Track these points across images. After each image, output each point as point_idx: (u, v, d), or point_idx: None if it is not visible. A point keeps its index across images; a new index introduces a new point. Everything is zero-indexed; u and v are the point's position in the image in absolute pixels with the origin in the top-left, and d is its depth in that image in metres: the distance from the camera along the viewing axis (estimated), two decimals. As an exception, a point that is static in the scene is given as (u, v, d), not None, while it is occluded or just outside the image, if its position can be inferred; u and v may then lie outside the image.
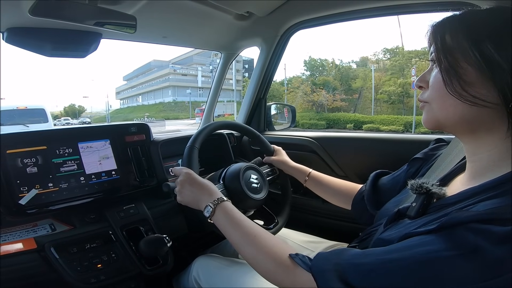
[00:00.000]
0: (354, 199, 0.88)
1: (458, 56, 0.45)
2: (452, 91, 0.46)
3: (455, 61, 0.46)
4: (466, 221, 0.37)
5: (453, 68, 0.46)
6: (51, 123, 7.71)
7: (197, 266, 0.91)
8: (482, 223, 0.36)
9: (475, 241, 0.36)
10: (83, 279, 0.77)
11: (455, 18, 0.48)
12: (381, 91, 22.61)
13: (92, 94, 50.68)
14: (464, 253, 0.36)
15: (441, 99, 0.49)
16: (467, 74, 0.45)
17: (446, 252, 0.37)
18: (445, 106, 0.48)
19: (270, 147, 1.11)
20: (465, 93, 0.44)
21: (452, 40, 0.46)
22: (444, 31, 0.48)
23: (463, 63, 0.45)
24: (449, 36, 0.47)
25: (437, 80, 0.49)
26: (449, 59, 0.46)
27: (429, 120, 0.52)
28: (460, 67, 0.45)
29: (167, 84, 38.76)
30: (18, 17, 0.86)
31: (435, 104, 0.50)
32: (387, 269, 0.42)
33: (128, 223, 0.91)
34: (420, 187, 0.50)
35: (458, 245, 0.37)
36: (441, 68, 0.47)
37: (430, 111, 0.51)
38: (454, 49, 0.46)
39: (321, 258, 0.51)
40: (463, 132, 0.50)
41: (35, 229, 0.83)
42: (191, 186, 0.76)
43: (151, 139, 1.08)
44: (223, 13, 1.20)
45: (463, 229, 0.37)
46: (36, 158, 0.84)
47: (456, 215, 0.39)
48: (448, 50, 0.47)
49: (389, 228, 0.55)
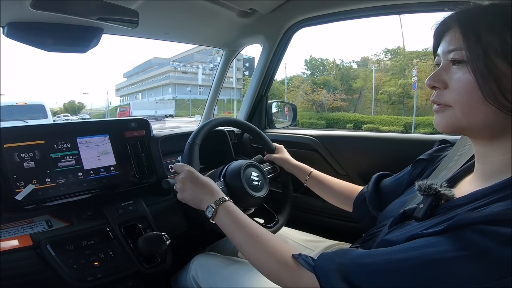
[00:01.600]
0: (355, 200, 0.87)
1: (497, 58, 0.41)
2: (491, 98, 0.41)
3: (493, 63, 0.41)
4: (473, 222, 0.37)
5: (491, 71, 0.41)
6: (50, 119, 7.70)
7: (195, 265, 0.90)
8: (490, 224, 0.36)
9: (483, 242, 0.35)
10: (79, 277, 0.76)
11: (488, 10, 0.43)
12: (381, 91, 22.65)
13: (92, 91, 50.75)
14: (471, 254, 0.36)
15: (469, 105, 0.44)
16: (506, 79, 0.41)
17: (453, 253, 0.37)
18: (475, 112, 0.44)
19: (271, 144, 1.10)
20: (505, 101, 0.41)
21: (493, 36, 0.41)
22: (479, 26, 0.43)
23: (503, 66, 0.41)
24: (488, 32, 0.42)
25: (466, 83, 0.44)
26: (487, 61, 0.41)
27: (450, 125, 0.48)
28: (499, 71, 0.41)
29: (167, 82, 38.73)
30: (19, 11, 0.84)
31: (460, 110, 0.45)
32: (393, 270, 0.41)
33: (126, 220, 0.90)
34: (429, 188, 0.49)
35: (466, 246, 0.36)
36: (475, 70, 0.42)
37: (453, 116, 0.47)
38: (494, 49, 0.41)
39: (325, 258, 0.50)
40: (483, 137, 0.47)
41: (31, 225, 0.81)
42: (193, 184, 0.74)
43: (151, 135, 1.06)
44: (226, 9, 1.19)
45: (471, 230, 0.37)
46: (33, 153, 0.83)
47: (463, 216, 0.38)
48: (486, 49, 0.41)
49: (395, 229, 0.54)
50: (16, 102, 7.46)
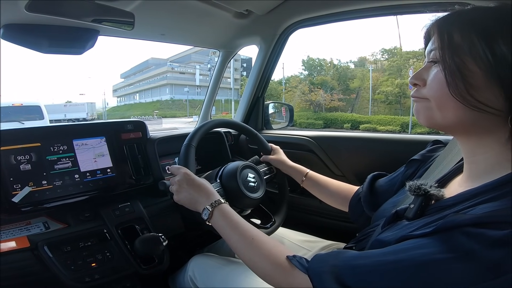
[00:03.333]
0: (351, 200, 0.88)
1: (467, 58, 0.43)
2: (455, 93, 0.44)
3: (462, 62, 0.43)
4: (461, 224, 0.37)
5: (459, 70, 0.43)
6: (47, 120, 7.66)
7: (193, 265, 0.91)
8: (477, 227, 0.36)
9: (469, 245, 0.36)
10: (77, 278, 0.76)
11: (462, 15, 0.46)
12: (378, 91, 22.74)
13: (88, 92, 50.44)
14: (458, 256, 0.36)
15: (441, 100, 0.47)
16: (474, 77, 0.43)
17: (440, 255, 0.37)
18: (445, 107, 0.46)
19: (268, 146, 1.10)
20: (470, 97, 0.43)
21: (463, 38, 0.44)
22: (452, 28, 0.45)
23: (472, 65, 0.43)
24: (458, 34, 0.44)
25: (438, 79, 0.47)
26: (455, 59, 0.44)
27: (426, 118, 0.50)
28: (467, 69, 0.43)
29: (164, 82, 38.65)
30: (14, 14, 0.84)
31: (434, 103, 0.48)
32: (383, 271, 0.42)
33: (124, 222, 0.90)
34: (419, 189, 0.50)
35: (453, 248, 0.37)
36: (445, 68, 0.45)
37: (428, 109, 0.49)
38: (462, 49, 0.43)
39: (318, 260, 0.50)
40: (460, 133, 0.50)
41: (29, 227, 0.81)
42: (189, 186, 0.75)
43: (148, 136, 1.06)
44: (222, 11, 1.19)
45: (458, 232, 0.37)
46: (29, 155, 0.83)
47: (451, 218, 0.39)
48: (456, 50, 0.44)
49: (387, 229, 0.54)
50: (12, 103, 7.42)
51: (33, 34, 0.93)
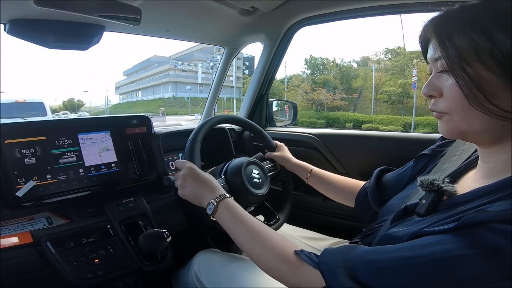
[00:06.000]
0: (358, 196, 0.87)
1: (476, 64, 0.41)
2: (477, 105, 0.41)
3: (474, 70, 0.41)
4: (485, 221, 0.36)
5: (473, 80, 0.41)
6: (50, 117, 7.68)
7: (198, 261, 0.90)
8: (502, 223, 0.35)
9: (495, 241, 0.35)
10: (79, 274, 0.75)
11: (456, 15, 0.44)
12: (381, 91, 22.68)
13: (91, 89, 50.52)
14: (483, 252, 0.35)
15: (462, 112, 0.44)
16: (489, 83, 0.41)
17: (463, 251, 0.36)
18: (470, 118, 0.44)
19: (272, 142, 1.10)
20: (493, 107, 0.40)
21: (465, 40, 0.42)
22: (451, 32, 0.43)
23: (484, 72, 0.41)
24: (460, 36, 0.42)
25: (454, 91, 0.44)
26: (466, 69, 0.42)
27: (451, 131, 0.48)
28: (480, 77, 0.41)
29: (167, 80, 38.72)
30: (22, 8, 0.84)
31: (456, 116, 0.46)
32: (400, 267, 0.40)
33: (127, 217, 0.90)
34: (431, 184, 0.49)
35: (477, 244, 0.36)
36: (458, 79, 0.42)
37: (451, 122, 0.47)
38: (469, 54, 0.41)
39: (329, 254, 0.49)
40: (486, 141, 0.47)
41: (31, 222, 0.81)
42: (193, 181, 0.74)
43: (152, 131, 1.06)
44: (228, 7, 1.18)
45: (482, 229, 0.36)
46: (34, 149, 0.82)
47: (475, 214, 0.38)
48: (463, 57, 0.42)
49: (396, 224, 0.53)
50: (15, 100, 7.44)
51: (39, 29, 0.93)
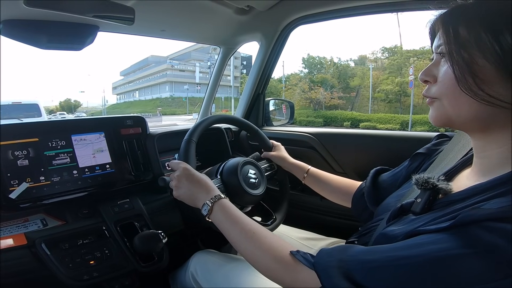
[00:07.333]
0: (354, 196, 0.87)
1: (474, 52, 0.42)
2: (466, 89, 0.43)
3: (471, 57, 0.42)
4: (480, 219, 0.36)
5: (467, 65, 0.43)
6: (45, 118, 7.67)
7: (195, 262, 0.90)
8: (497, 221, 0.35)
9: (491, 239, 0.34)
10: (75, 275, 0.75)
11: (467, 8, 0.45)
12: (378, 89, 22.74)
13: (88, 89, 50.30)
14: (478, 251, 0.35)
15: (453, 96, 0.46)
16: (484, 71, 0.42)
17: (459, 250, 0.36)
18: (458, 103, 0.45)
19: (269, 142, 1.09)
20: (481, 92, 0.42)
21: (469, 32, 0.43)
22: (457, 22, 0.44)
23: (480, 60, 0.42)
24: (464, 28, 0.43)
25: (448, 75, 0.46)
26: (463, 54, 0.43)
27: (439, 117, 0.49)
28: (476, 64, 0.42)
29: (164, 80, 38.60)
30: (13, 9, 0.82)
31: (446, 101, 0.47)
32: (396, 267, 0.40)
33: (123, 219, 0.89)
34: (426, 182, 0.49)
35: (473, 243, 0.35)
36: (453, 63, 0.44)
37: (440, 107, 0.48)
38: (470, 43, 0.43)
39: (324, 255, 0.49)
40: (474, 130, 0.48)
41: (26, 224, 0.80)
42: (188, 181, 0.73)
43: (147, 132, 1.05)
44: (223, 6, 1.18)
45: (477, 227, 0.36)
46: (27, 151, 0.81)
47: (470, 213, 0.37)
48: (463, 44, 0.43)
49: (393, 223, 0.53)
50: (11, 102, 7.44)
51: (32, 30, 0.92)
